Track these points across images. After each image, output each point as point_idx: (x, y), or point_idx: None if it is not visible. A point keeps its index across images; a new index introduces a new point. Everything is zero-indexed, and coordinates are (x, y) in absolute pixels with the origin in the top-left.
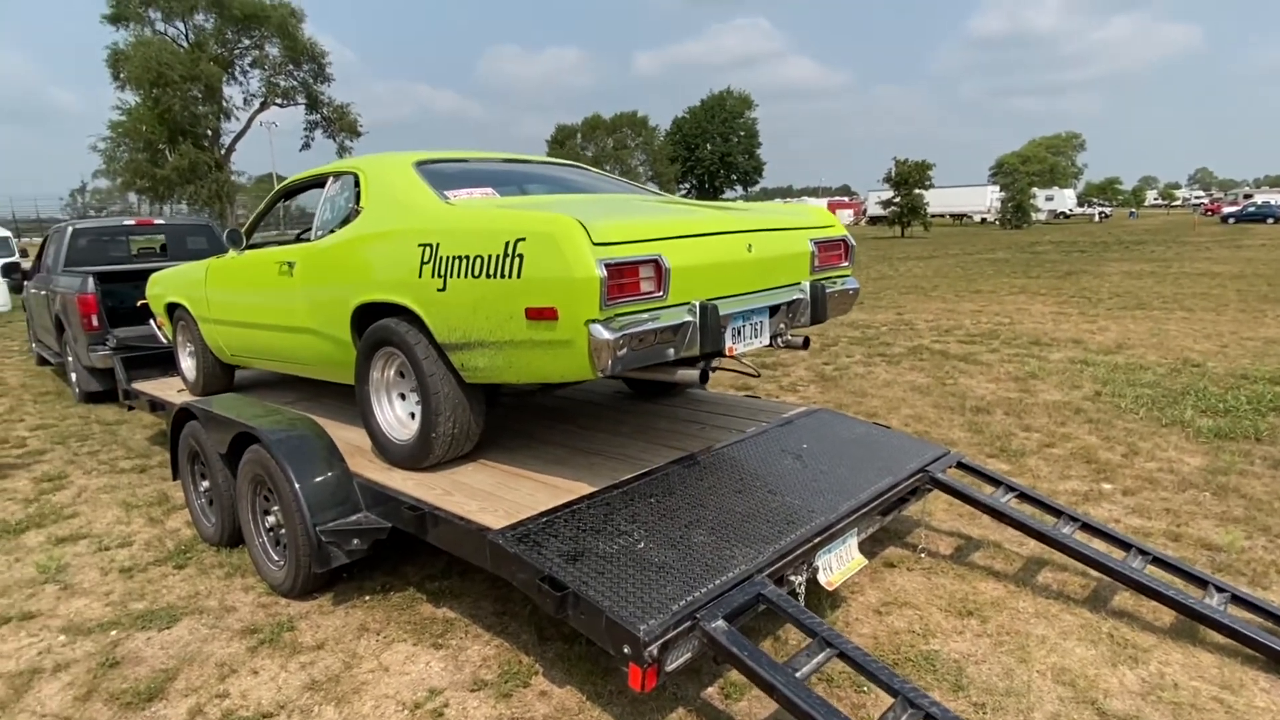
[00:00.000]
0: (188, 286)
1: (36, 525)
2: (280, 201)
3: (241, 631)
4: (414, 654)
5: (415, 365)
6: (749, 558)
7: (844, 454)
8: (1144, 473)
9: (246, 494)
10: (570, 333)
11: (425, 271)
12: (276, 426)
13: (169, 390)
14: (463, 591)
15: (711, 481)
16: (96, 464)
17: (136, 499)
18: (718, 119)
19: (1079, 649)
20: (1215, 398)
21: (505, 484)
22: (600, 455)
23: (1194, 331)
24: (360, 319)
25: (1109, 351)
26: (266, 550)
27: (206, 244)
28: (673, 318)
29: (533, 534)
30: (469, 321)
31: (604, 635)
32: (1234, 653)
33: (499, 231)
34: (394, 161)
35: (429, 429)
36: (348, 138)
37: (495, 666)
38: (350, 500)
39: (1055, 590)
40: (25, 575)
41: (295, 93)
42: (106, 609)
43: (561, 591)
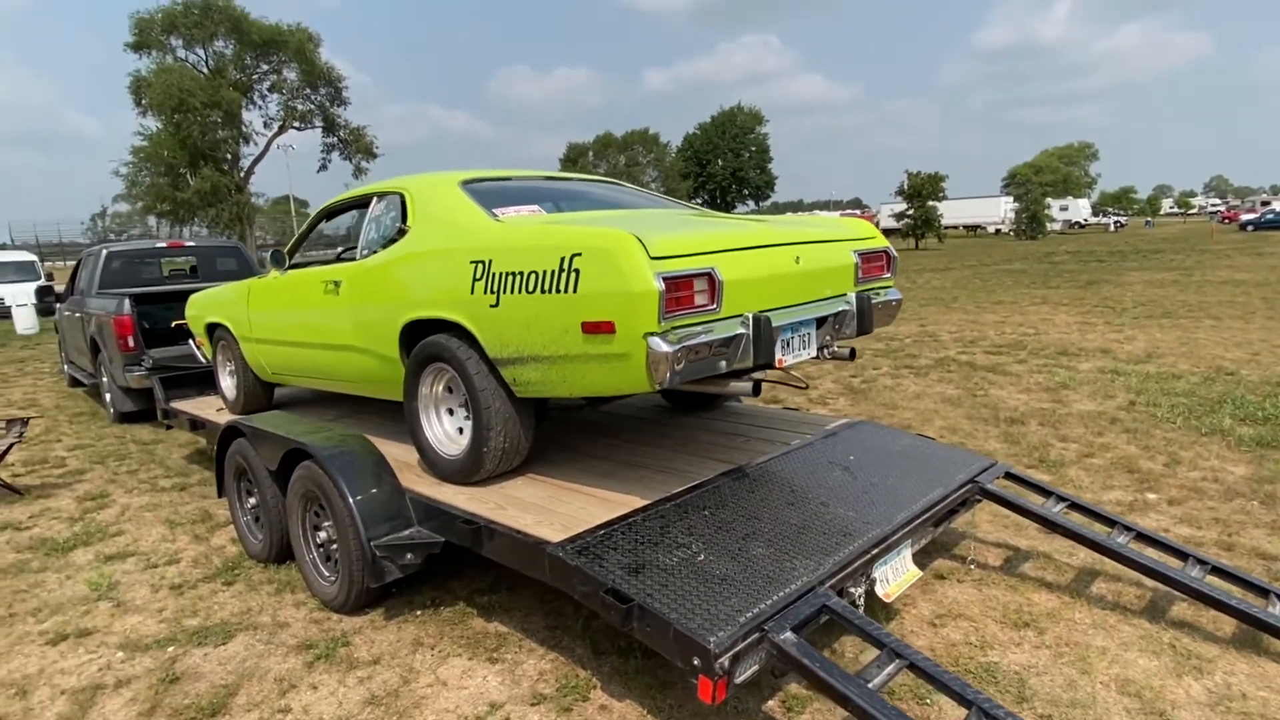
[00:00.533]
0: (229, 307)
1: (84, 543)
2: (322, 222)
3: (297, 647)
4: (470, 668)
5: (466, 380)
6: (810, 569)
7: (891, 465)
8: (1188, 482)
9: (297, 510)
10: (628, 346)
11: (478, 288)
12: (329, 442)
13: (208, 409)
14: (512, 605)
15: (763, 494)
16: (137, 483)
17: (179, 516)
18: (729, 135)
19: (1141, 660)
20: (1253, 406)
21: (557, 498)
22: (647, 469)
23: (1224, 340)
24: (409, 336)
25: (1139, 361)
26: (317, 566)
27: (236, 265)
28: (726, 330)
29: (592, 547)
30: (522, 336)
31: (671, 647)
32: None
33: (554, 247)
34: (440, 181)
35: (480, 443)
36: (364, 159)
37: (553, 680)
38: (403, 515)
39: (1111, 601)
40: (78, 593)
41: (312, 116)
42: (161, 625)
43: (627, 604)
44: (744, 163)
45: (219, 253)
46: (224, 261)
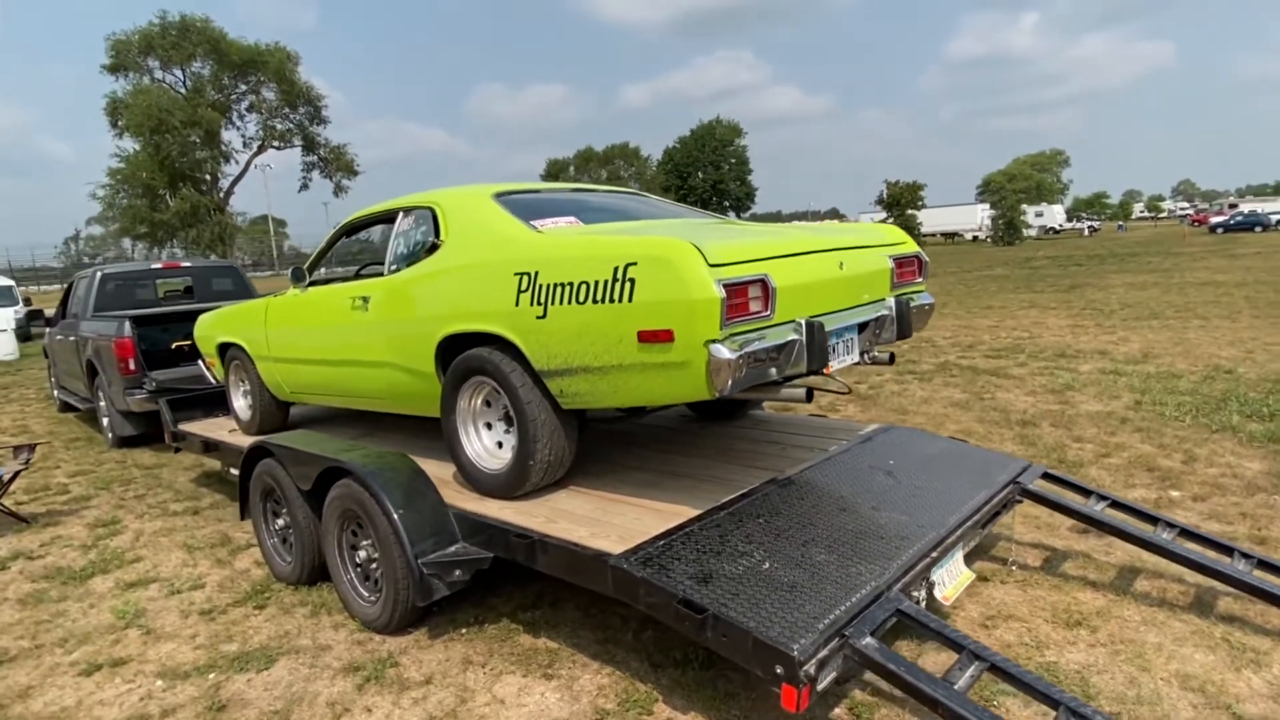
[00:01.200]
0: (244, 326)
1: (101, 571)
2: (343, 238)
3: (343, 670)
4: (526, 685)
5: (511, 394)
6: (875, 574)
7: (932, 469)
8: (1208, 479)
9: (333, 529)
10: (687, 354)
11: (523, 300)
12: (369, 459)
13: (219, 430)
14: (558, 620)
15: (813, 500)
16: (146, 508)
17: (197, 541)
18: (708, 147)
19: (1197, 655)
20: (1257, 403)
21: (606, 509)
22: (690, 478)
23: (1216, 339)
24: (446, 350)
25: (1136, 361)
26: (355, 587)
27: (232, 285)
28: (779, 336)
29: (655, 557)
30: (571, 347)
31: (750, 657)
32: None
33: (606, 257)
34: (473, 194)
35: (526, 456)
36: (345, 177)
37: (612, 696)
38: (447, 531)
39: (1156, 598)
40: (103, 621)
41: (292, 135)
42: (197, 652)
43: (701, 614)
44: (724, 175)
45: (215, 273)
46: (220, 282)
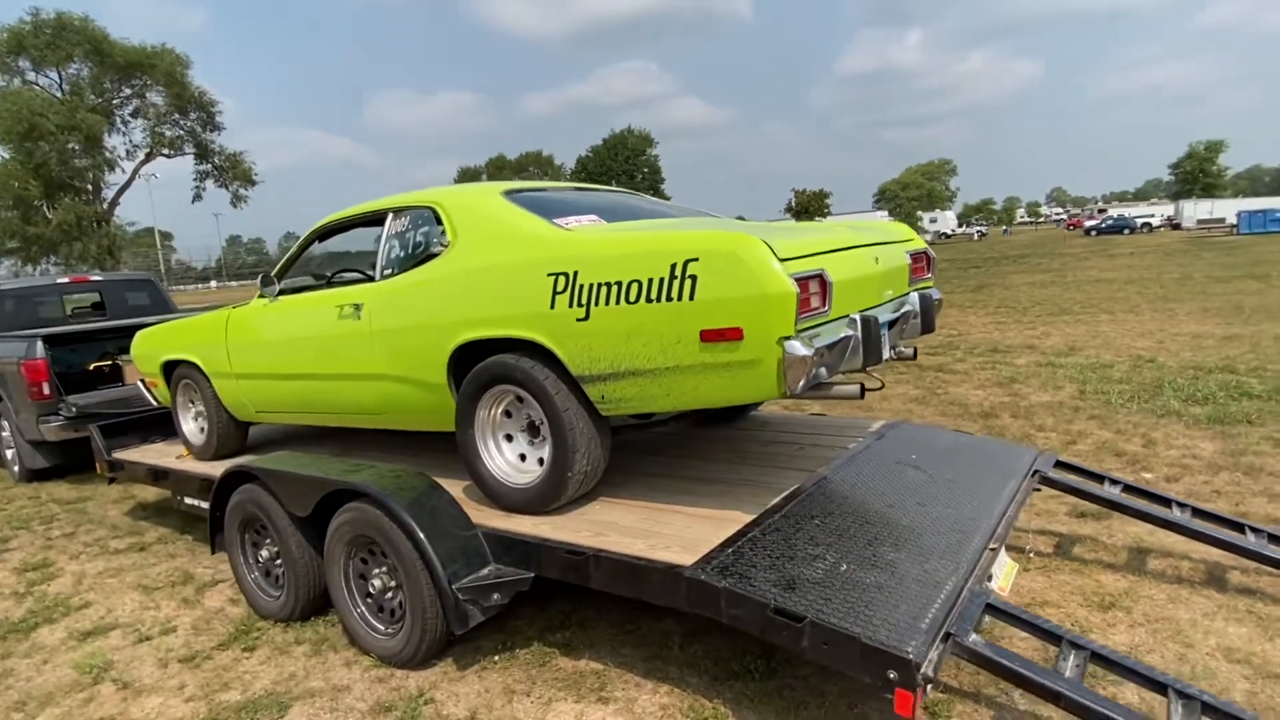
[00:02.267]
0: (197, 341)
1: (46, 620)
2: (315, 243)
3: (371, 711)
4: (583, 712)
5: (545, 402)
6: (950, 570)
7: (953, 462)
8: (1173, 460)
9: (339, 559)
10: (757, 352)
11: (559, 302)
12: (384, 480)
13: (165, 457)
14: (593, 640)
15: (858, 498)
16: (81, 547)
17: (152, 580)
18: (621, 157)
19: (1230, 628)
20: (1189, 389)
21: (651, 519)
22: (722, 482)
23: (1128, 331)
24: (459, 360)
25: (1064, 354)
26: (367, 619)
27: (149, 300)
28: (835, 332)
29: (730, 566)
30: (619, 350)
31: (858, 663)
32: None
33: (662, 254)
34: (481, 192)
35: (563, 468)
36: (242, 187)
37: (678, 715)
38: (478, 552)
39: (1173, 576)
40: (64, 678)
41: (183, 142)
42: (192, 705)
43: (800, 622)
44: (637, 184)
45: (129, 287)
46: (135, 296)
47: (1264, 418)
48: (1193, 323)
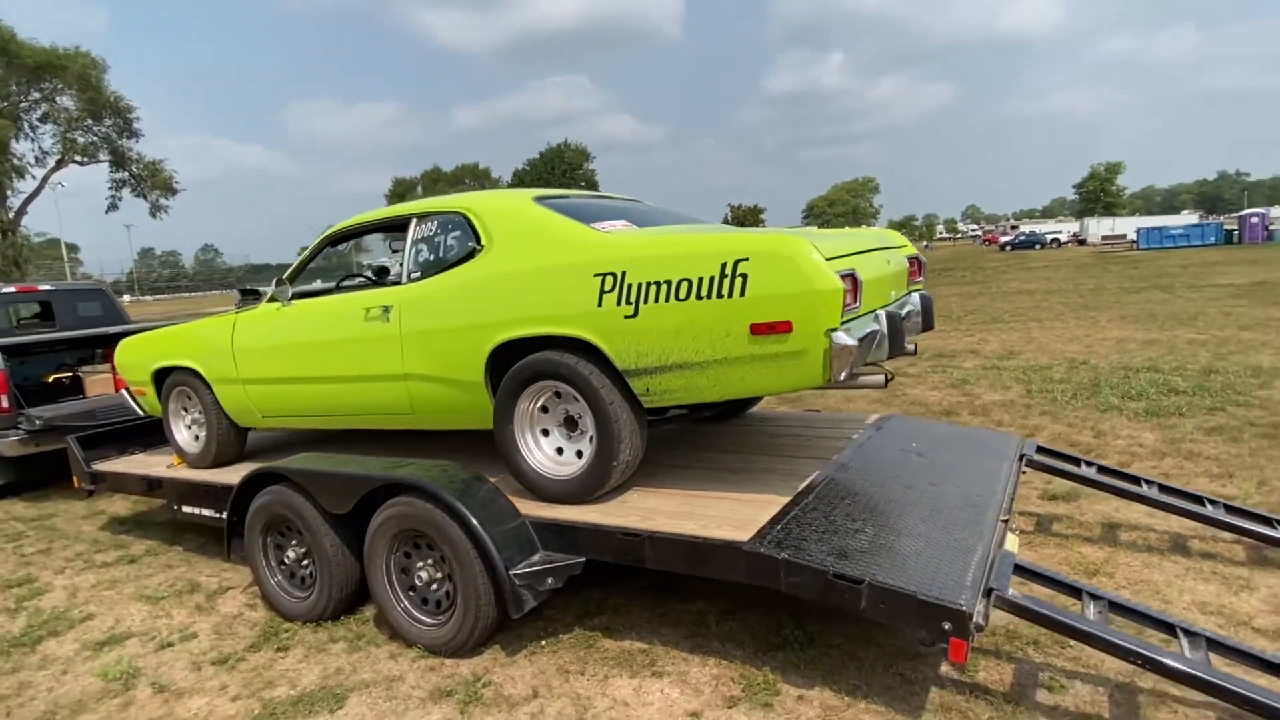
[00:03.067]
0: (196, 348)
1: (50, 634)
2: (328, 248)
3: (431, 696)
4: (640, 686)
5: (590, 396)
6: (976, 537)
7: (950, 448)
8: (1122, 449)
9: (382, 553)
10: (805, 343)
11: (607, 300)
12: (434, 474)
13: (153, 467)
14: (631, 623)
15: (878, 481)
16: (62, 562)
17: (154, 590)
18: (558, 170)
19: (1200, 586)
20: (1123, 387)
21: (692, 505)
22: (746, 471)
23: (1057, 337)
24: (496, 358)
25: (1005, 358)
26: (410, 612)
27: (101, 310)
28: (865, 326)
29: (784, 540)
30: (667, 344)
31: (914, 618)
32: None
33: (713, 254)
34: (514, 198)
35: (608, 458)
36: (162, 196)
37: (734, 683)
38: (528, 540)
39: (1144, 545)
40: (91, 687)
41: (97, 149)
42: (242, 703)
43: (859, 584)
44: None
45: (80, 297)
46: (86, 306)
47: (1192, 410)
48: (1114, 329)
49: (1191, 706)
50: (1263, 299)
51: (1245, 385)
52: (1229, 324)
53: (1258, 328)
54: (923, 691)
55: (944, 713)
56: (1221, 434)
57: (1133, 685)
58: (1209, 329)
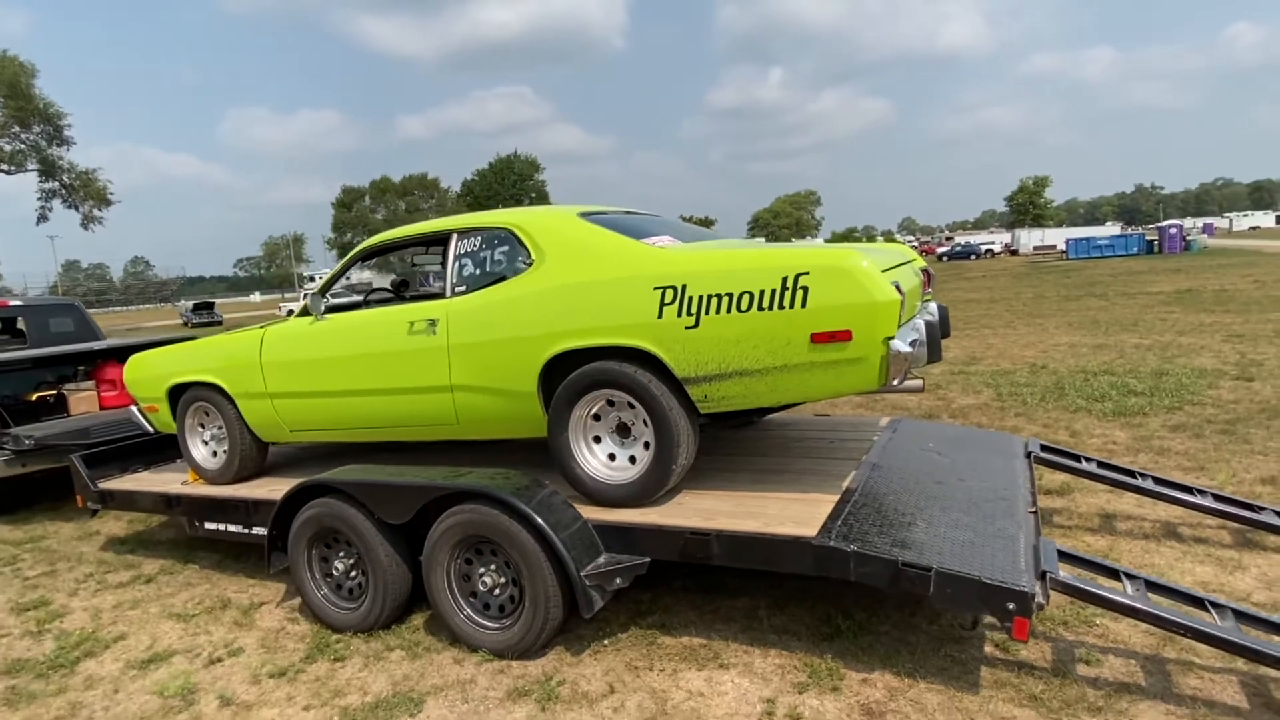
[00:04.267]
0: (219, 362)
1: (86, 655)
2: (360, 262)
3: (508, 696)
4: (711, 677)
5: (648, 403)
6: (1016, 526)
7: (964, 448)
8: (1098, 446)
9: (442, 561)
10: (864, 350)
11: (667, 312)
12: (497, 481)
13: (165, 484)
14: (684, 621)
15: (911, 478)
16: (73, 584)
17: (182, 609)
18: (508, 181)
19: (1198, 568)
20: (1087, 389)
21: (746, 504)
22: (786, 472)
23: (1013, 343)
24: (549, 369)
25: (969, 363)
26: (473, 618)
27: (73, 325)
28: (910, 334)
29: (849, 534)
30: (728, 353)
31: (979, 601)
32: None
33: (774, 268)
34: (560, 215)
35: (668, 462)
36: (95, 207)
37: (798, 671)
38: (592, 542)
39: (1140, 534)
40: (149, 704)
41: (24, 158)
42: (313, 712)
43: (927, 571)
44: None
45: (52, 312)
46: (59, 322)
47: (1154, 410)
48: (1063, 334)
49: (1215, 674)
50: (1192, 305)
51: (1195, 386)
52: (1167, 329)
53: (1193, 332)
54: (975, 670)
55: (999, 688)
56: (1185, 431)
57: (1160, 657)
58: (1150, 334)
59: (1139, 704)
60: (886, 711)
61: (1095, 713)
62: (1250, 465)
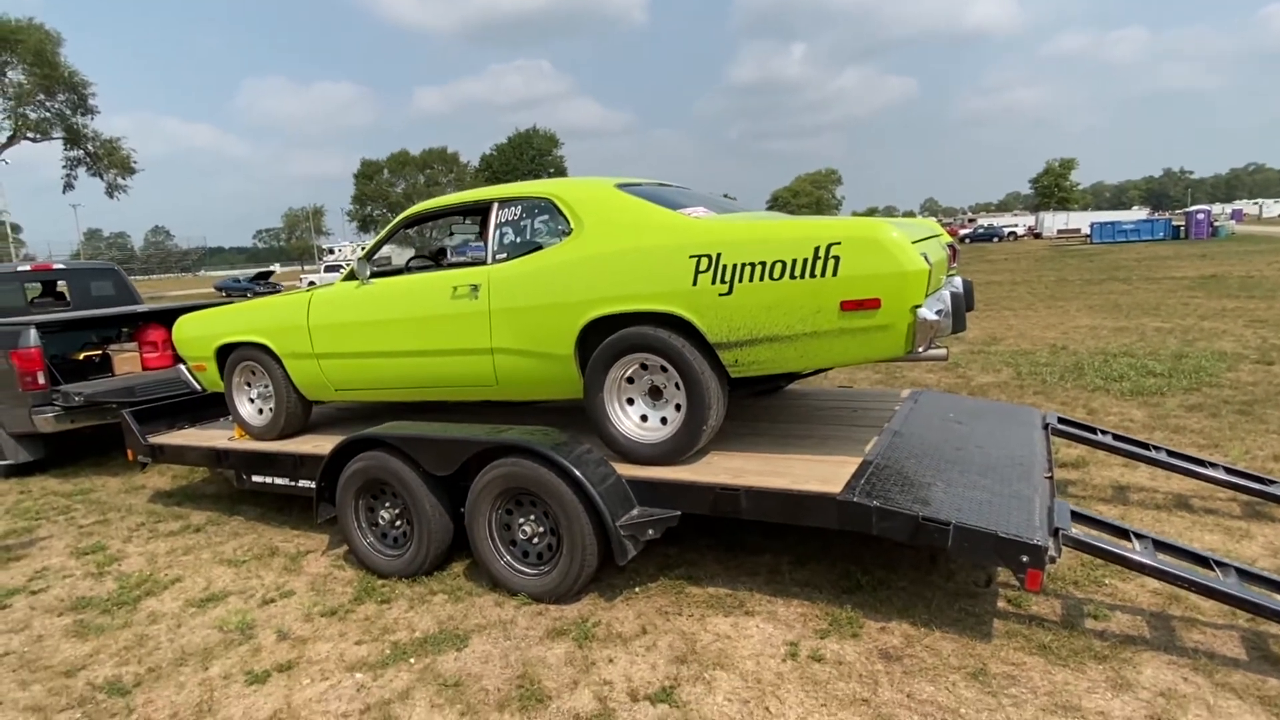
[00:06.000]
0: (268, 323)
1: (147, 594)
2: (403, 229)
3: (548, 635)
4: (737, 623)
5: (682, 366)
6: (1032, 488)
7: (984, 418)
8: (1114, 424)
9: (485, 511)
10: (891, 318)
11: (702, 280)
12: (537, 436)
13: (212, 439)
14: (709, 573)
15: (931, 444)
16: (126, 532)
17: (233, 555)
18: (527, 156)
19: (1207, 536)
20: (1105, 369)
21: (773, 465)
22: (810, 439)
23: (1034, 325)
24: (586, 333)
25: (989, 344)
26: (512, 565)
27: (114, 289)
28: (937, 304)
29: (873, 492)
30: (759, 320)
31: (994, 554)
32: None
33: (807, 239)
34: (599, 186)
35: (699, 423)
36: (120, 175)
37: (819, 620)
38: (626, 496)
39: (1152, 504)
40: (211, 637)
41: (50, 126)
42: (367, 646)
43: (946, 525)
44: None
45: (94, 275)
46: (99, 285)
47: (1172, 390)
48: (1084, 317)
49: (1217, 629)
50: (1215, 291)
51: (1214, 368)
52: (1189, 314)
53: (1215, 317)
54: (988, 622)
55: (1010, 638)
56: (1201, 410)
57: (1165, 614)
58: (1172, 318)
59: (1143, 654)
60: (904, 656)
61: (1101, 660)
62: (1265, 444)
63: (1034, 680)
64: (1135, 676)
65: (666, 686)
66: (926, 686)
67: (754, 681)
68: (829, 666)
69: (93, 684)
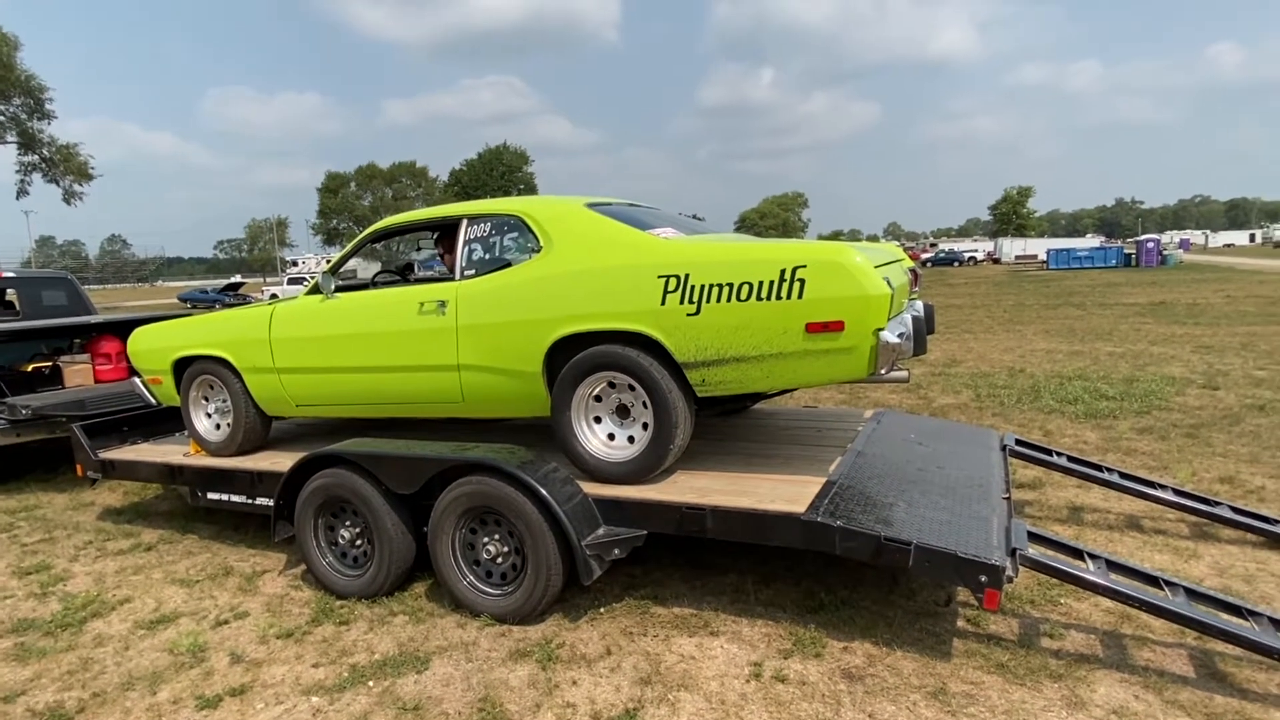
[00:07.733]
0: (227, 336)
1: (93, 615)
2: (369, 244)
3: (510, 657)
4: (701, 643)
5: (649, 385)
6: (990, 510)
7: (944, 439)
8: (1069, 445)
9: (448, 530)
10: (855, 340)
11: (670, 300)
12: (503, 455)
13: (166, 455)
14: (674, 593)
15: (894, 465)
16: (73, 550)
17: (185, 575)
18: (496, 172)
19: (1157, 556)
20: (1060, 392)
21: (738, 484)
22: (775, 458)
23: (992, 348)
24: (554, 351)
25: (949, 366)
26: (475, 585)
27: (65, 298)
28: (899, 327)
29: (835, 512)
30: (726, 340)
31: (954, 573)
32: (1242, 540)
33: (773, 261)
34: (568, 204)
35: (666, 442)
36: (76, 182)
37: (783, 639)
38: (591, 515)
39: (1105, 525)
40: (160, 660)
41: (4, 130)
42: (323, 669)
43: (907, 545)
44: None
45: (45, 284)
46: (51, 295)
47: (1123, 414)
48: (1040, 341)
49: (1167, 647)
50: (1164, 317)
51: (1164, 392)
52: (1140, 339)
53: (1164, 343)
54: (947, 641)
55: (969, 657)
56: (1151, 433)
57: (1117, 633)
58: (1124, 343)
59: (1096, 672)
60: (866, 675)
61: (1057, 679)
62: (1210, 465)
63: (992, 699)
64: (1089, 694)
65: (630, 708)
66: (888, 706)
67: (718, 703)
68: (792, 687)
69: (33, 710)
